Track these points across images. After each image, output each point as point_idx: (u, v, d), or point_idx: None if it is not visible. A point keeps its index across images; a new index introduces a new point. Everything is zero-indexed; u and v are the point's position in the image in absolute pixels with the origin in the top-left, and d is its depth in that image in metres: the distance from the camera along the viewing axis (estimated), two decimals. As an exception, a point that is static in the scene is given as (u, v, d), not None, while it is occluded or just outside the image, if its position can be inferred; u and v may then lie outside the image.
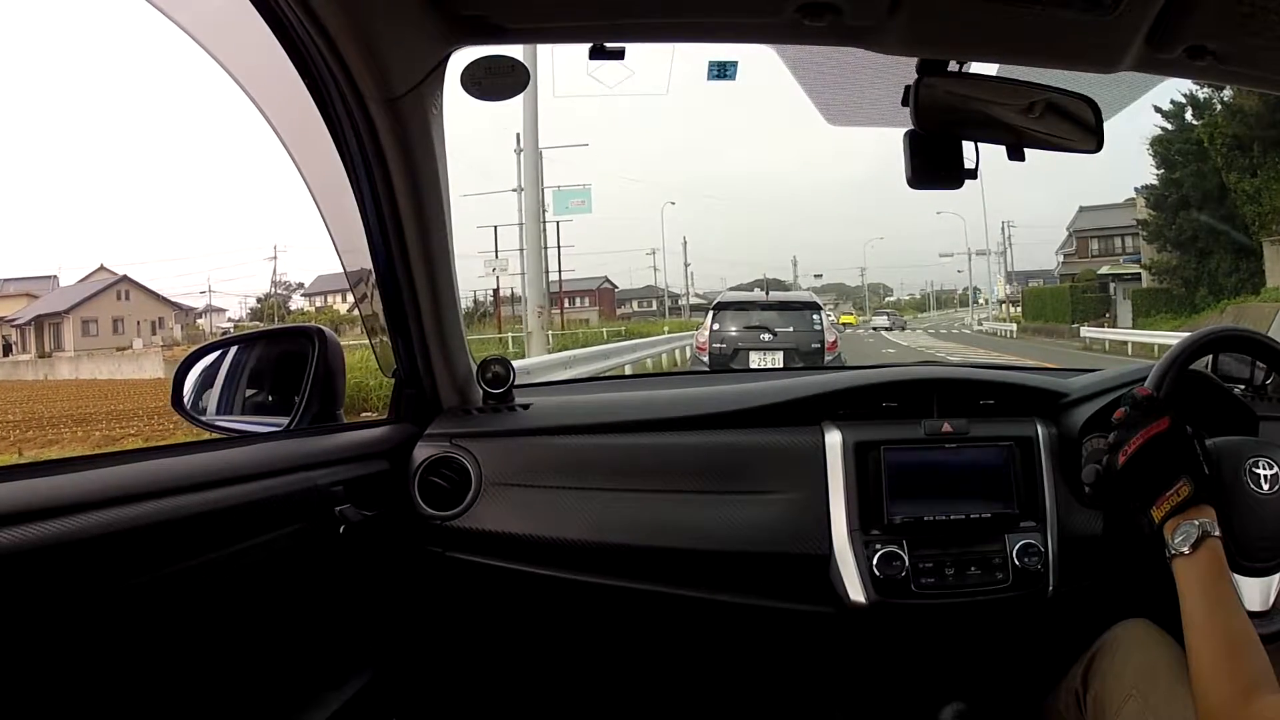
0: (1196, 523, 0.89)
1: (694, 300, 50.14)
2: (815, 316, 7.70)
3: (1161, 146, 21.57)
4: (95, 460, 0.79)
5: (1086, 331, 21.18)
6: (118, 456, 0.81)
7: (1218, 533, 0.89)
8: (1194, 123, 20.18)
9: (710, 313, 7.92)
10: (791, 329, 7.50)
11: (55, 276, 36.50)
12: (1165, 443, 0.94)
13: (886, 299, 68.65)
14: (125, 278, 33.95)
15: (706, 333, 7.67)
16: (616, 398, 1.43)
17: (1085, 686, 0.99)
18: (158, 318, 33.78)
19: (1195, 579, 0.87)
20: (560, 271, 31.30)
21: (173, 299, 35.86)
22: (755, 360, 7.30)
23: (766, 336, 7.46)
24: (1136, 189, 24.10)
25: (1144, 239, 23.64)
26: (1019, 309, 34.55)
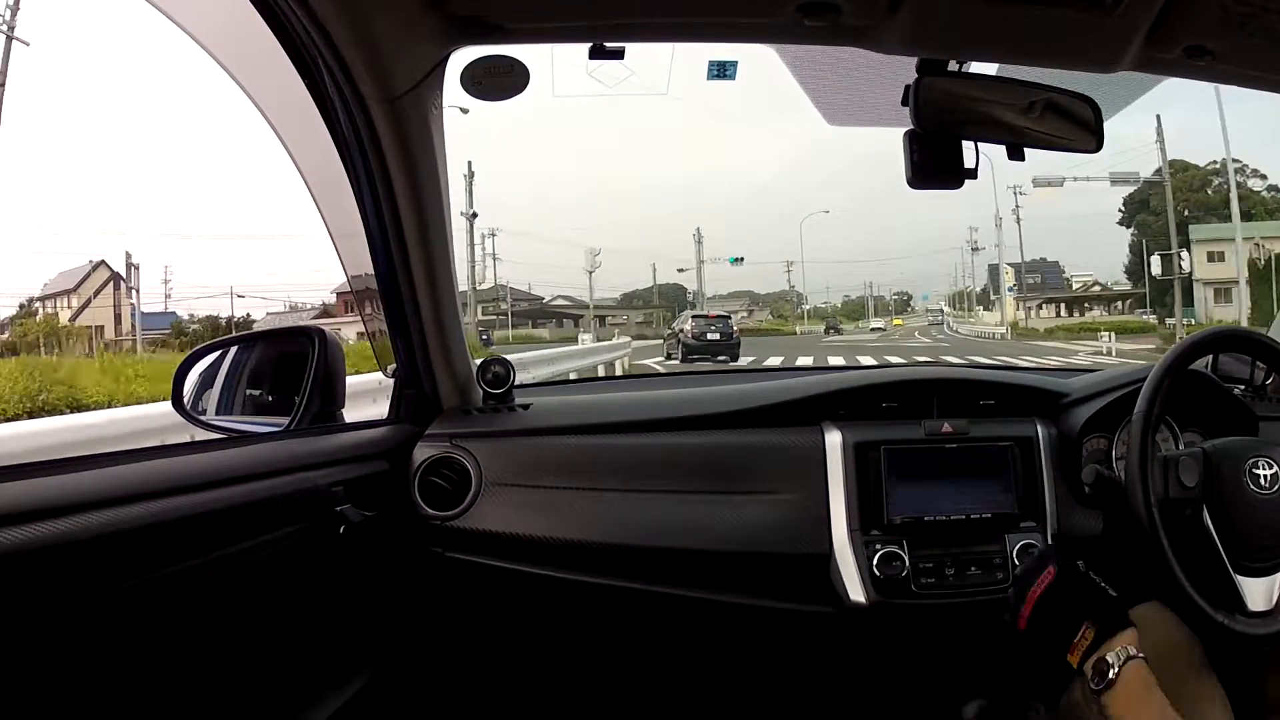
0: (1110, 656, 0.88)
1: (561, 303, 42.76)
2: (731, 322, 19.85)
3: None
4: (95, 460, 0.79)
5: None
6: (118, 456, 0.81)
7: (1137, 653, 0.89)
8: None
9: (691, 319, 20.24)
10: (721, 325, 19.08)
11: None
12: (1056, 591, 0.94)
13: (802, 307, 55.58)
14: None
15: (689, 325, 19.36)
16: (616, 398, 1.43)
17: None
18: None
19: (1128, 709, 0.87)
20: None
21: None
22: (710, 337, 18.33)
23: (712, 328, 18.76)
24: None
25: None
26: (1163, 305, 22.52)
